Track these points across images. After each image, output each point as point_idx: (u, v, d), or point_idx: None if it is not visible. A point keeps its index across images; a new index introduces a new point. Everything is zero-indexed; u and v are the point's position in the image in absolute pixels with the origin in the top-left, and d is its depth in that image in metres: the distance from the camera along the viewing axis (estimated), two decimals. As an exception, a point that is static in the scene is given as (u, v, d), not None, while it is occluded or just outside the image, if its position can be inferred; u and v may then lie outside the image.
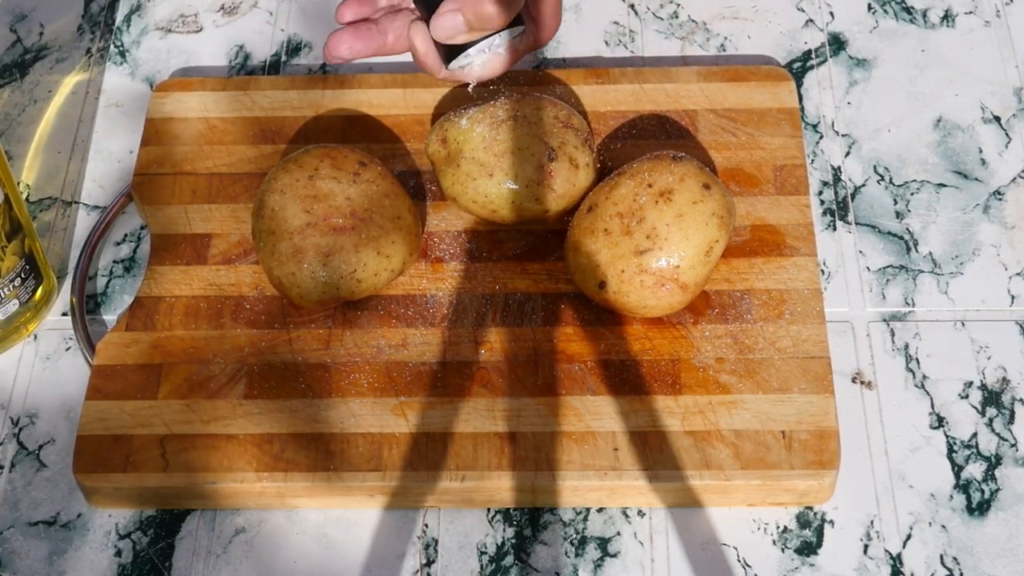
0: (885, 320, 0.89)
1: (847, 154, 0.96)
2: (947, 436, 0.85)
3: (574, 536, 0.82)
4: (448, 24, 0.83)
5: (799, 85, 1.00)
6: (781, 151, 0.93)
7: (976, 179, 0.95)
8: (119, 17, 1.07)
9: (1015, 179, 0.94)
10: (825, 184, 0.95)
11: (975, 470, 0.83)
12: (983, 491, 0.82)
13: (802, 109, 0.98)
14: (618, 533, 0.82)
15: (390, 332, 0.87)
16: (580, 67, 1.01)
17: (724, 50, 1.02)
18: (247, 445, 0.83)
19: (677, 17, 1.04)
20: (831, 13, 1.04)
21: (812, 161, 0.96)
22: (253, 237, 0.88)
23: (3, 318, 0.89)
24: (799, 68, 1.01)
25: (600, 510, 0.83)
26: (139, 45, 1.05)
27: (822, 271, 0.91)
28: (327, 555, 0.82)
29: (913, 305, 0.90)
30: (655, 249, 0.83)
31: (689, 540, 0.82)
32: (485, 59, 0.87)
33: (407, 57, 1.03)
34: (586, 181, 0.89)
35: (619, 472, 0.81)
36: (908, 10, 1.03)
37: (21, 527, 0.84)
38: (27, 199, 0.97)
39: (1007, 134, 0.96)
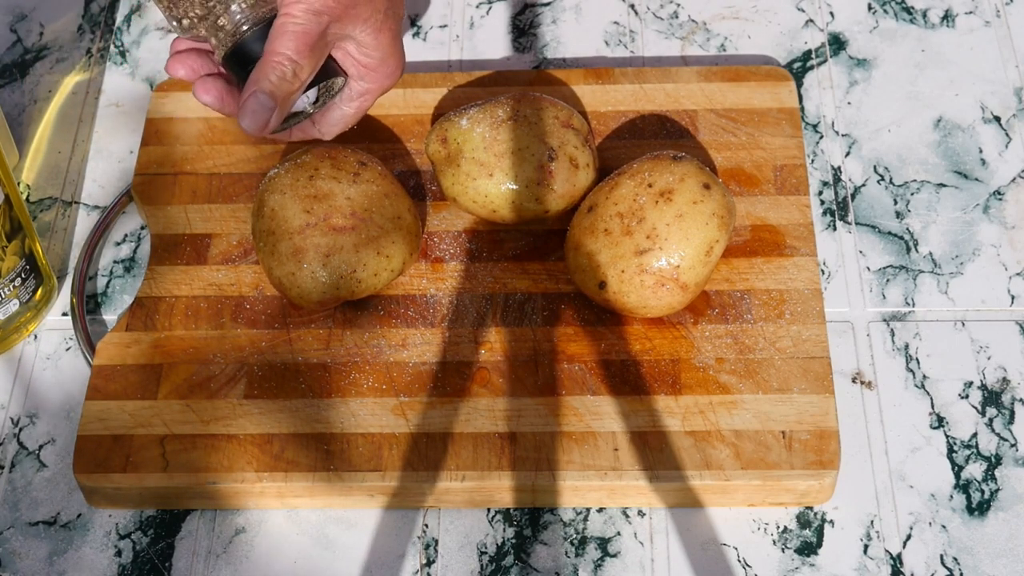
0: (885, 320, 0.89)
1: (847, 154, 0.96)
2: (947, 436, 0.85)
3: (574, 536, 0.82)
4: (254, 107, 0.80)
5: (799, 85, 1.00)
6: (781, 151, 0.93)
7: (976, 179, 0.95)
8: (119, 17, 1.07)
9: (1015, 179, 0.94)
10: (825, 184, 0.95)
11: (975, 470, 0.83)
12: (983, 491, 0.82)
13: (802, 109, 0.98)
14: (618, 533, 0.82)
15: (390, 332, 0.87)
16: (580, 67, 1.01)
17: (724, 50, 1.02)
18: (247, 445, 0.83)
19: (677, 17, 1.04)
20: (831, 13, 1.04)
21: (812, 161, 0.96)
22: (253, 237, 0.88)
23: (3, 318, 0.89)
24: (799, 68, 1.01)
25: (600, 510, 0.83)
26: (139, 45, 1.05)
27: (822, 271, 0.91)
28: (327, 555, 0.82)
29: (913, 305, 0.90)
30: (655, 249, 0.83)
31: (689, 540, 0.82)
32: (314, 114, 0.86)
33: (407, 57, 1.03)
34: (586, 181, 0.89)
35: (619, 472, 0.81)
36: (908, 10, 1.03)
37: (21, 527, 0.84)
38: (27, 199, 0.97)
39: (1007, 134, 0.96)
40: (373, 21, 0.82)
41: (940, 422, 0.85)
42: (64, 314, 0.92)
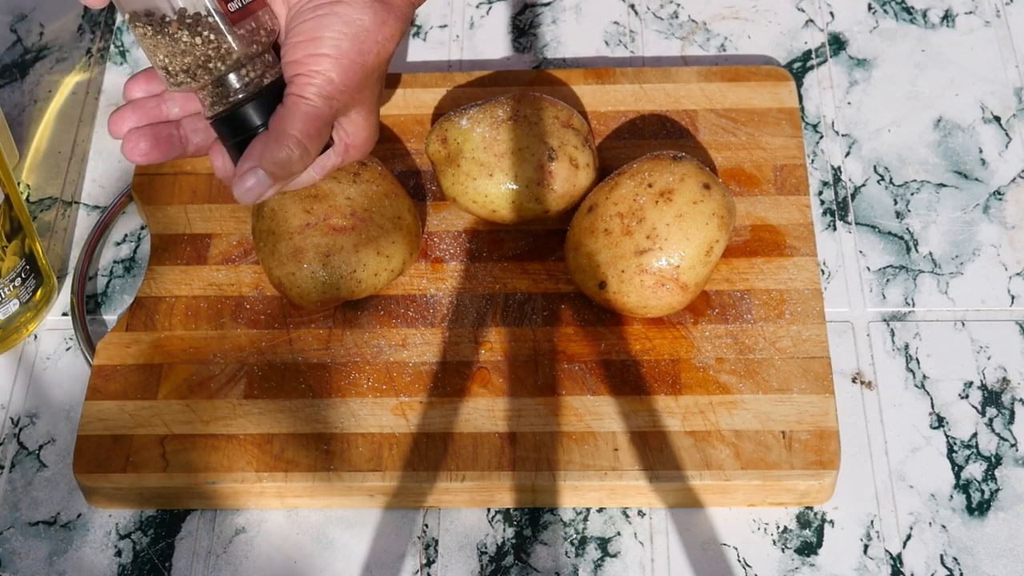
0: (885, 320, 0.89)
1: (847, 154, 0.96)
2: (947, 436, 0.85)
3: (574, 536, 0.82)
4: (251, 184, 0.75)
5: (799, 85, 1.00)
6: (781, 151, 0.93)
7: (976, 179, 0.95)
8: (119, 17, 1.07)
9: (1015, 179, 0.94)
10: (825, 184, 0.95)
11: (975, 470, 0.83)
12: (983, 491, 0.82)
13: (802, 109, 0.98)
14: (618, 533, 0.82)
15: (390, 332, 0.87)
16: (580, 67, 1.01)
17: (724, 50, 1.02)
18: (247, 445, 0.83)
19: (677, 17, 1.04)
20: (831, 13, 1.04)
21: (812, 161, 0.96)
22: (253, 237, 0.88)
23: (3, 318, 0.89)
24: (799, 68, 1.01)
25: (600, 510, 0.83)
26: (139, 45, 1.05)
27: (822, 271, 0.91)
28: (327, 555, 0.82)
29: (913, 305, 0.90)
30: (655, 249, 0.83)
31: (689, 540, 0.82)
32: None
33: (406, 57, 1.03)
34: (586, 181, 0.89)
35: (619, 472, 0.81)
36: (908, 10, 1.03)
37: (21, 527, 0.84)
38: (27, 199, 0.97)
39: (1007, 134, 0.96)
40: (369, 104, 0.79)
41: (940, 422, 0.85)
42: (64, 314, 0.92)
